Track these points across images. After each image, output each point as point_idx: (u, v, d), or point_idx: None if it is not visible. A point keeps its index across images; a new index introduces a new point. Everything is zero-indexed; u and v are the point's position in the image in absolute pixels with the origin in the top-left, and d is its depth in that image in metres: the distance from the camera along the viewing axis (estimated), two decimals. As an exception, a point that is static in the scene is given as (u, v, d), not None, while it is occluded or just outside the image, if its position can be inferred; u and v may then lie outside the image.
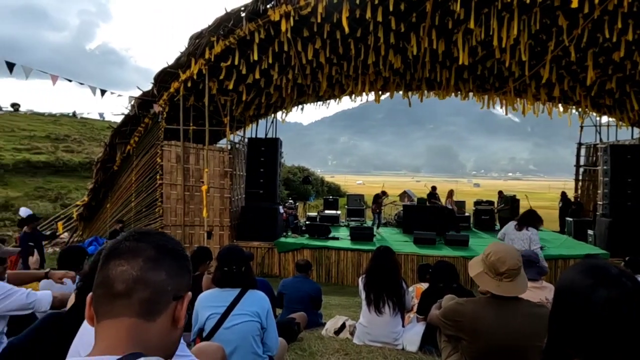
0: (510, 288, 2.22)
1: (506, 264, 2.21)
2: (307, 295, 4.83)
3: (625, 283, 0.95)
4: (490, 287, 2.25)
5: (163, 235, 0.96)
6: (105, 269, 0.87)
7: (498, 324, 2.17)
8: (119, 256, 0.87)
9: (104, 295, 0.85)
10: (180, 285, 0.91)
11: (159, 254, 0.89)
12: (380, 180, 43.38)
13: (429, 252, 10.21)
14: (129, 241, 0.90)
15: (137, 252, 0.88)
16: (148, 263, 0.87)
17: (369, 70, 11.82)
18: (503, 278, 2.22)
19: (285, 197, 22.42)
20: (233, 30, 9.54)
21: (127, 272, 0.85)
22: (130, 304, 0.84)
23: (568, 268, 1.10)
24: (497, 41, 8.94)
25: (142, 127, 10.86)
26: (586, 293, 0.97)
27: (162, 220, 10.62)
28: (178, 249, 0.95)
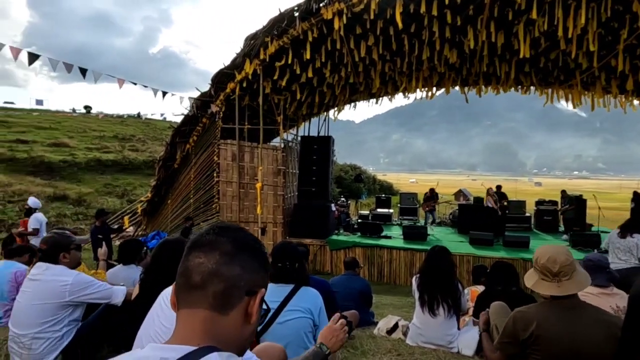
0: (571, 286, 2.13)
1: (557, 262, 2.15)
2: (357, 292, 4.81)
3: None
4: (552, 291, 2.17)
5: (242, 231, 0.98)
6: (186, 260, 0.92)
7: (564, 329, 2.08)
8: (199, 248, 0.91)
9: (183, 285, 0.90)
10: (254, 280, 0.93)
11: (236, 248, 0.92)
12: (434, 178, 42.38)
13: (485, 253, 9.82)
14: (209, 235, 0.94)
15: (215, 246, 0.91)
16: (224, 257, 0.90)
17: (423, 66, 11.56)
18: (561, 278, 2.14)
19: (337, 195, 22.47)
20: (286, 30, 9.68)
21: (204, 264, 0.88)
22: (205, 296, 0.87)
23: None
24: (563, 31, 8.41)
25: (200, 127, 11.32)
26: None
27: (218, 216, 11.01)
28: (255, 245, 0.97)
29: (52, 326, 2.81)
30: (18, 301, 2.89)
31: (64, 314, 2.86)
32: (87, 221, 15.16)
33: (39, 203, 8.51)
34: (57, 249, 2.96)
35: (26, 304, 2.81)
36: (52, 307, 2.81)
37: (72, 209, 16.30)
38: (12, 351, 2.86)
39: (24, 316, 2.80)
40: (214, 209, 11.08)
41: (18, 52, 7.08)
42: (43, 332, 2.78)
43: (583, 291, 3.32)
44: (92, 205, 16.86)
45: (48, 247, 2.96)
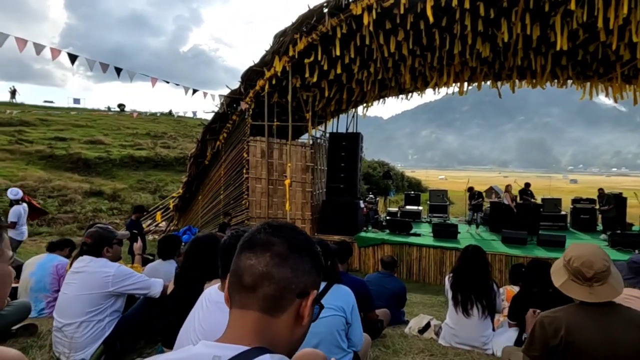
0: (604, 292, 1.99)
1: (593, 267, 2.00)
2: (391, 293, 4.76)
3: None
4: (582, 296, 2.03)
5: (294, 231, 0.95)
6: (238, 260, 0.91)
7: (597, 333, 1.96)
8: (250, 249, 0.90)
9: (234, 285, 0.90)
10: (306, 282, 0.90)
11: (288, 250, 0.90)
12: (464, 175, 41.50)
13: (519, 252, 9.56)
14: (261, 234, 0.92)
15: (267, 247, 0.89)
16: (275, 259, 0.88)
17: (454, 61, 11.32)
18: (593, 283, 2.00)
19: (365, 191, 22.35)
20: (315, 26, 9.66)
21: (255, 266, 0.87)
22: (256, 297, 0.87)
23: None
24: (603, 22, 8.06)
25: (230, 124, 11.47)
26: None
27: (247, 212, 11.15)
28: (308, 246, 0.94)
29: (96, 315, 2.95)
30: (64, 292, 3.03)
31: (107, 304, 3.02)
32: (121, 216, 15.63)
33: (19, 193, 8.02)
34: (101, 243, 3.11)
35: (72, 294, 2.95)
36: (97, 297, 2.97)
37: (107, 204, 16.84)
38: (57, 340, 2.99)
39: (70, 306, 2.95)
40: (243, 204, 11.22)
41: (58, 53, 7.35)
42: (88, 320, 2.92)
43: (627, 294, 3.19)
44: (127, 201, 17.36)
45: (93, 241, 3.10)
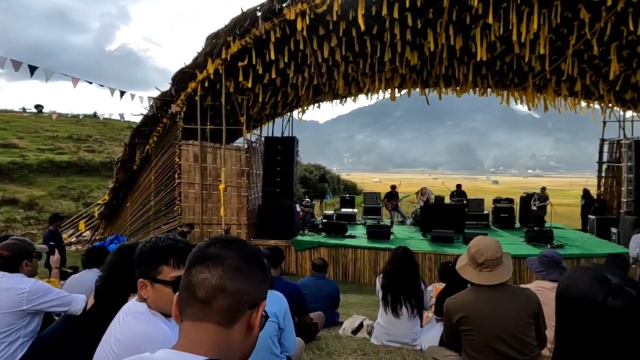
0: (489, 277, 2.39)
1: (484, 255, 2.39)
2: (326, 295, 4.83)
3: (629, 292, 1.00)
4: (471, 277, 2.45)
5: (244, 244, 0.99)
6: (189, 274, 0.92)
7: (488, 306, 2.35)
8: (202, 263, 0.92)
9: (187, 299, 0.91)
10: (257, 293, 0.93)
11: (239, 263, 0.92)
12: (397, 177, 43.06)
13: (447, 250, 10.10)
14: (211, 248, 0.94)
15: (219, 260, 0.91)
16: (228, 272, 0.90)
17: (385, 68, 11.74)
18: (482, 268, 2.40)
19: (301, 195, 22.47)
20: (249, 29, 9.58)
21: (208, 280, 0.89)
22: (210, 310, 0.88)
23: (568, 278, 1.11)
24: (517, 36, 8.77)
25: (160, 127, 11.03)
26: (595, 304, 1.01)
27: (180, 218, 10.77)
28: (258, 258, 0.97)
29: (7, 336, 2.69)
30: None
31: (21, 324, 2.76)
32: (39, 226, 14.47)
33: None
34: (20, 256, 2.85)
35: None
36: (9, 316, 2.70)
37: (22, 213, 15.50)
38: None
39: None
40: (175, 211, 10.83)
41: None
42: None
43: (537, 285, 3.49)
44: (45, 209, 16.10)
45: (11, 254, 2.81)
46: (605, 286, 1.02)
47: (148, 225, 11.36)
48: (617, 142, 14.28)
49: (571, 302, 1.07)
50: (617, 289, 1.00)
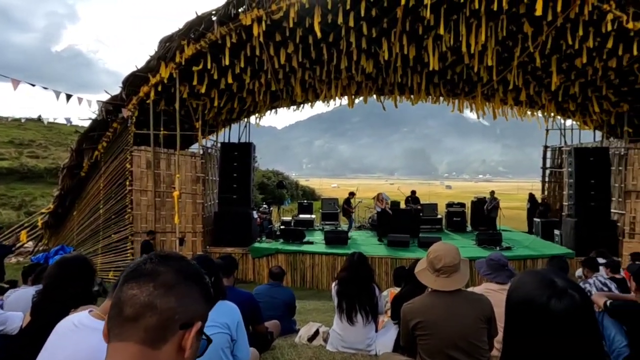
0: (445, 283, 2.43)
1: (442, 261, 2.43)
2: (281, 303, 4.79)
3: (572, 295, 1.02)
4: (428, 282, 2.49)
5: (182, 260, 0.94)
6: (120, 290, 0.87)
7: (443, 311, 2.40)
8: (135, 279, 0.87)
9: (115, 317, 0.86)
10: (191, 313, 0.88)
11: (174, 279, 0.87)
12: (355, 183, 43.61)
13: (403, 254, 10.31)
14: (147, 264, 0.89)
15: (152, 277, 0.87)
16: (159, 288, 0.85)
17: (341, 75, 11.89)
18: (440, 274, 2.44)
19: (259, 201, 22.26)
20: (204, 34, 9.42)
21: (137, 296, 0.84)
22: (137, 329, 0.83)
23: (517, 281, 1.15)
24: (466, 47, 9.15)
25: (110, 132, 10.59)
26: (542, 307, 1.03)
27: (132, 227, 10.37)
28: (197, 276, 0.92)
29: None
30: None
31: None
32: (-24, 237, 13.44)
33: None
34: None
35: None
36: None
37: (-44, 223, 14.36)
38: None
39: None
40: (126, 219, 10.41)
41: None
42: None
43: (485, 288, 3.62)
44: (-17, 219, 15.01)
45: None
46: (550, 288, 1.04)
47: (97, 235, 10.86)
48: (559, 149, 15.16)
49: (517, 304, 1.09)
50: (561, 292, 1.03)
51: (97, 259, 10.32)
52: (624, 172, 11.04)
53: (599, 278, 4.63)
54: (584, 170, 11.21)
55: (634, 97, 11.27)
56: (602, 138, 13.72)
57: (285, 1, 8.57)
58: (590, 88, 11.42)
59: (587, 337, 1.00)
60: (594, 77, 10.58)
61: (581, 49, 9.14)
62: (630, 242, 10.60)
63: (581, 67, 10.02)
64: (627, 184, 10.92)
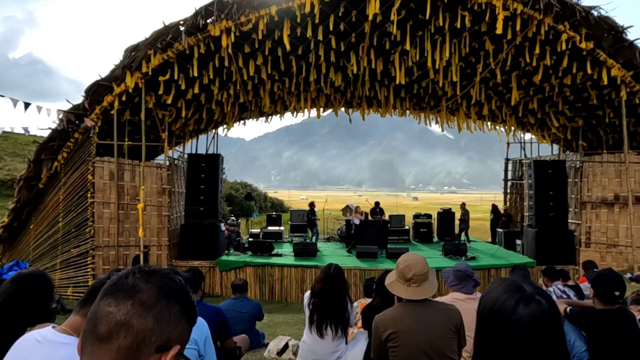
0: (417, 292, 2.47)
1: (412, 270, 2.46)
2: (248, 316, 4.71)
3: (539, 300, 1.05)
4: (400, 293, 2.51)
5: (167, 277, 0.86)
6: (97, 306, 0.81)
7: (415, 321, 2.43)
8: (113, 294, 0.81)
9: (89, 333, 0.80)
10: (170, 335, 0.81)
11: (155, 297, 0.81)
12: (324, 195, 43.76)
13: (371, 265, 10.38)
14: (128, 279, 0.83)
15: (132, 293, 0.81)
16: (137, 307, 0.79)
17: (310, 87, 11.98)
18: (411, 283, 2.47)
19: (227, 213, 21.95)
20: (172, 44, 9.30)
21: (113, 314, 0.79)
22: (109, 350, 0.77)
23: (489, 287, 1.17)
24: (431, 62, 9.43)
25: (71, 143, 10.20)
26: (508, 312, 1.06)
27: (93, 241, 9.98)
28: (181, 294, 0.86)
29: None
30: None
31: None
32: None
33: None
34: None
35: None
36: None
37: None
38: None
39: None
40: (87, 233, 10.01)
41: None
42: None
43: (452, 297, 3.68)
44: None
45: None
46: (518, 294, 1.06)
47: (55, 249, 10.37)
48: (519, 162, 15.75)
49: (487, 309, 1.11)
50: (528, 298, 1.05)
51: (55, 274, 9.86)
52: (579, 184, 11.57)
53: (558, 286, 4.80)
54: (543, 182, 11.66)
55: (587, 113, 11.89)
56: (559, 151, 14.35)
57: (254, 13, 8.59)
58: (548, 104, 11.98)
59: (553, 342, 1.03)
60: (551, 93, 11.11)
61: (539, 66, 9.60)
62: (587, 250, 11.08)
63: (539, 83, 10.51)
64: (582, 196, 11.44)
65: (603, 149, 11.75)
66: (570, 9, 8.56)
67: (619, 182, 10.80)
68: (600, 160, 11.34)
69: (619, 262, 10.49)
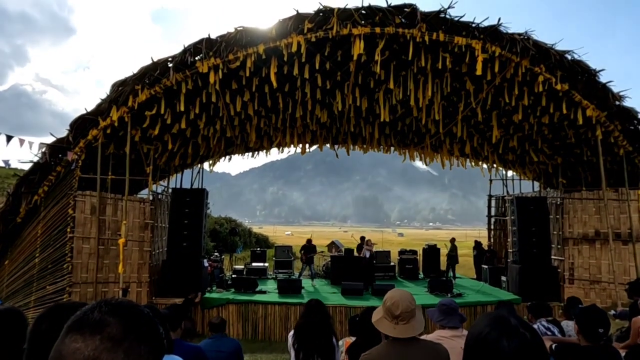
0: (405, 330, 2.42)
1: (400, 307, 2.41)
2: (225, 355, 4.54)
3: (523, 333, 1.06)
4: (388, 331, 2.45)
5: (135, 310, 0.84)
6: (61, 343, 0.76)
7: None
8: (78, 330, 0.77)
9: None
10: None
11: (124, 331, 0.78)
12: (309, 230, 43.54)
13: (356, 302, 10.21)
14: (94, 313, 0.79)
15: (99, 328, 0.77)
16: (106, 342, 0.76)
17: (296, 124, 12.14)
18: (399, 321, 2.42)
19: (211, 249, 21.58)
20: (159, 79, 9.39)
21: (80, 351, 0.74)
22: None
23: (477, 320, 1.18)
24: (414, 101, 9.69)
25: (53, 176, 10.05)
26: (492, 344, 1.06)
27: (70, 277, 9.66)
28: (150, 327, 0.83)
29: None
30: None
31: None
32: None
33: None
34: None
35: None
36: None
37: None
38: None
39: None
40: (65, 269, 9.70)
41: None
42: None
43: (438, 335, 3.64)
44: None
45: None
46: (503, 326, 1.07)
47: (30, 286, 9.99)
48: (502, 198, 16.00)
49: (472, 342, 1.11)
50: (512, 331, 1.05)
51: (29, 312, 9.44)
52: (560, 220, 11.77)
53: (542, 323, 4.79)
54: (525, 218, 11.82)
55: (566, 151, 12.25)
56: (540, 188, 14.66)
57: (242, 51, 8.79)
58: (527, 142, 12.33)
59: None
60: (530, 132, 11.46)
61: (517, 106, 9.94)
62: (571, 287, 11.14)
63: (518, 122, 10.85)
64: (564, 232, 11.62)
65: (582, 186, 12.04)
66: (545, 53, 8.98)
67: (599, 219, 11.02)
68: (579, 197, 11.60)
69: (602, 299, 10.55)
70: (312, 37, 8.46)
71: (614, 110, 9.81)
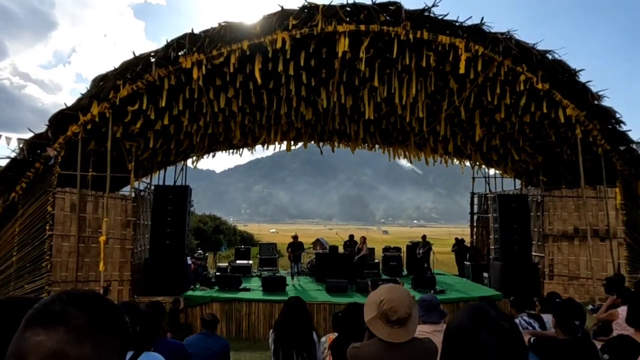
0: (400, 335, 2.29)
1: (398, 313, 2.23)
2: (214, 354, 4.51)
3: (503, 325, 1.07)
4: (382, 335, 2.30)
5: (97, 299, 0.80)
6: (21, 337, 0.72)
7: None
8: (40, 323, 0.72)
9: None
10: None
11: (89, 323, 0.74)
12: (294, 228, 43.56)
13: (341, 299, 10.23)
14: (55, 305, 0.75)
15: (62, 320, 0.73)
16: (71, 334, 0.72)
17: (281, 121, 12.10)
18: (394, 326, 2.26)
19: (195, 247, 21.40)
20: (142, 74, 9.25)
21: (43, 344, 0.70)
22: None
23: (457, 312, 1.18)
24: (399, 99, 9.74)
25: (31, 173, 9.82)
26: (471, 335, 1.07)
27: (49, 275, 9.47)
28: (115, 317, 0.79)
29: None
30: None
31: None
32: None
33: None
34: None
35: None
36: None
37: None
38: None
39: None
40: (43, 267, 9.50)
41: None
42: None
43: (419, 330, 3.66)
44: None
45: None
46: (481, 319, 1.07)
47: (7, 286, 9.75)
48: (485, 196, 16.21)
49: (452, 333, 1.12)
50: (492, 322, 1.06)
51: (5, 312, 9.23)
52: (541, 218, 11.97)
53: (524, 317, 4.88)
54: (507, 216, 11.97)
55: (546, 150, 12.46)
56: (521, 186, 14.89)
57: (226, 47, 8.71)
58: (509, 140, 12.51)
59: None
60: (511, 130, 11.63)
61: (500, 105, 10.07)
62: (550, 283, 11.36)
63: (500, 121, 11.00)
64: (544, 229, 11.83)
65: (562, 184, 12.27)
66: (527, 52, 9.11)
67: (578, 216, 11.25)
68: (559, 195, 11.81)
69: (581, 294, 10.78)
70: (297, 33, 8.43)
71: (593, 110, 10.01)
